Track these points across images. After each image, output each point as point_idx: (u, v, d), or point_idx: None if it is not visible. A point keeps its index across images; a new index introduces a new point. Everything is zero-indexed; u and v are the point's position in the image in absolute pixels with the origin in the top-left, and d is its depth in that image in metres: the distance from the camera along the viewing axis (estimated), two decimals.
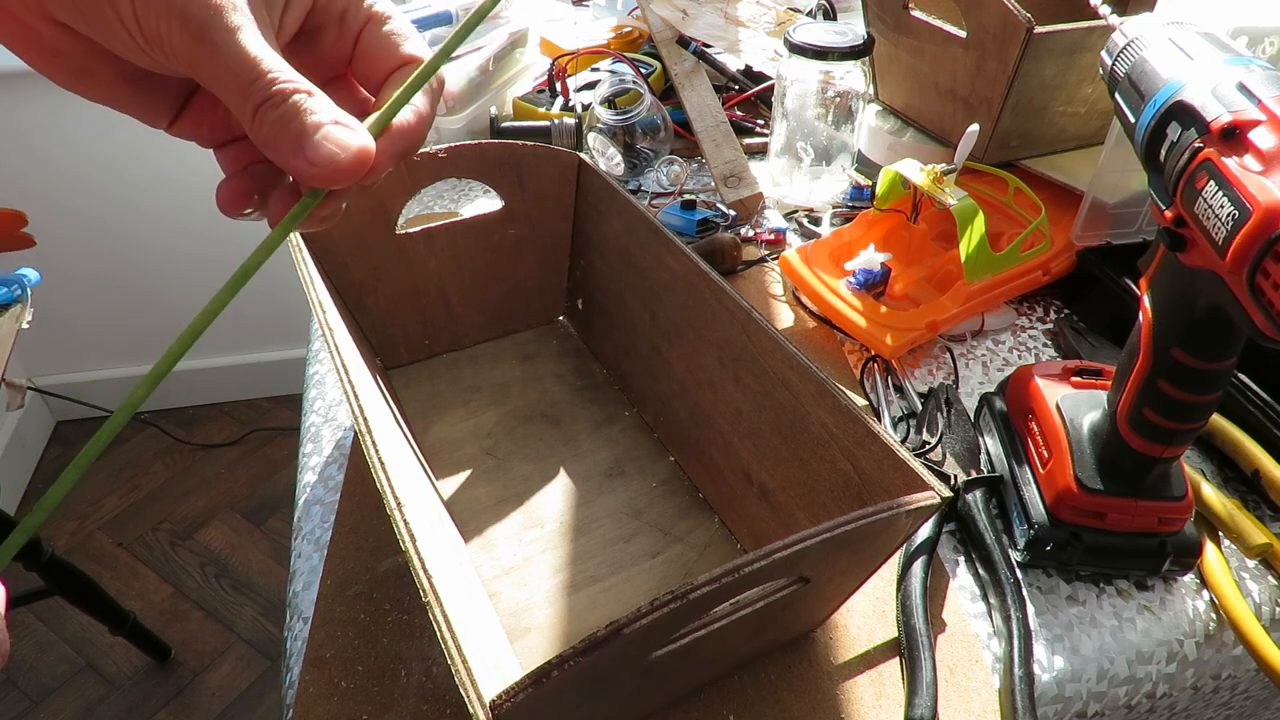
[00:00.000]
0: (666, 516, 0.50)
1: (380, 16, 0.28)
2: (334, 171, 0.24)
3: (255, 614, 1.45)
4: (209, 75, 0.24)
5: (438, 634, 0.29)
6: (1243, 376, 0.52)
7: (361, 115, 0.29)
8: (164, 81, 0.27)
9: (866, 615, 0.44)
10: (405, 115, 0.27)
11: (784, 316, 0.66)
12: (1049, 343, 0.64)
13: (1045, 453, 0.47)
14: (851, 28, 0.72)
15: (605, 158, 0.81)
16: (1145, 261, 0.41)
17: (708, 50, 0.88)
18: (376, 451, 0.35)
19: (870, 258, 0.63)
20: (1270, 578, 0.47)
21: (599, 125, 0.80)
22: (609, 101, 0.81)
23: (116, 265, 1.66)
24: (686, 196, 0.75)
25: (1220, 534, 0.47)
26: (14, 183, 1.51)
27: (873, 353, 0.60)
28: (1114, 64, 0.40)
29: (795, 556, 0.30)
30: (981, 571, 0.46)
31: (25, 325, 0.29)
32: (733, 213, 0.75)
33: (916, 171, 0.62)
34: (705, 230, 0.73)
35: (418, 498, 0.37)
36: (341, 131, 0.24)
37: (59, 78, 0.25)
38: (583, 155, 0.59)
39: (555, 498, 0.51)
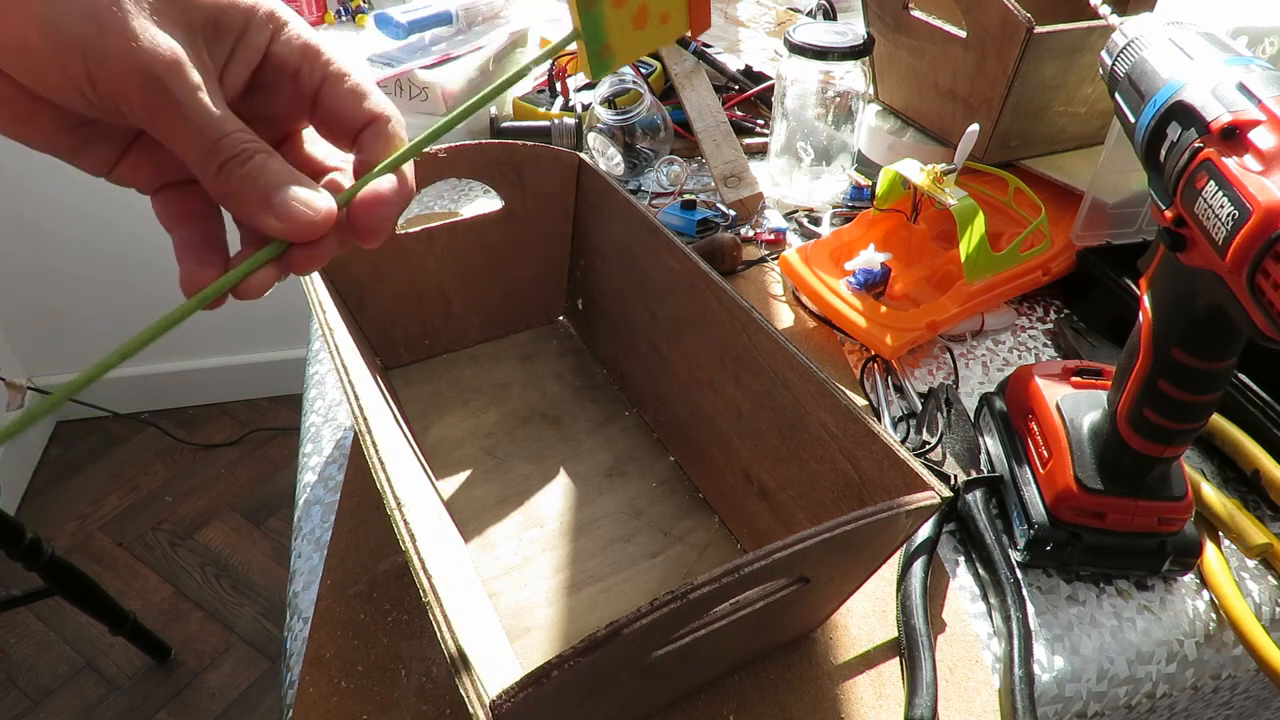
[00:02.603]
0: (666, 516, 0.50)
1: (338, 74, 0.28)
2: (301, 227, 0.25)
3: (255, 614, 1.45)
4: (168, 132, 0.24)
5: (438, 634, 0.29)
6: (1243, 376, 0.52)
7: (311, 175, 0.29)
8: (105, 128, 0.27)
9: (866, 615, 0.44)
10: (384, 181, 0.28)
11: (784, 316, 0.66)
12: (1049, 343, 0.64)
13: (1045, 453, 0.47)
14: (851, 28, 0.72)
15: (605, 158, 0.81)
16: (1145, 261, 0.41)
17: (708, 50, 0.88)
18: (376, 451, 0.35)
19: (870, 258, 0.63)
20: (1270, 578, 0.47)
21: (599, 125, 0.80)
22: (609, 101, 0.81)
23: (117, 265, 1.66)
24: (686, 196, 0.75)
25: (1220, 534, 0.47)
26: (14, 182, 1.52)
27: (873, 353, 0.60)
28: (1114, 64, 0.40)
29: (795, 556, 0.30)
30: (981, 571, 0.46)
31: None
32: (733, 213, 0.75)
33: (916, 171, 0.62)
34: (705, 230, 0.73)
35: (418, 498, 0.37)
36: (306, 191, 0.26)
37: None
38: (583, 155, 0.59)
39: (555, 498, 0.51)
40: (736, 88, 0.92)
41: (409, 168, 0.29)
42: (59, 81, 0.23)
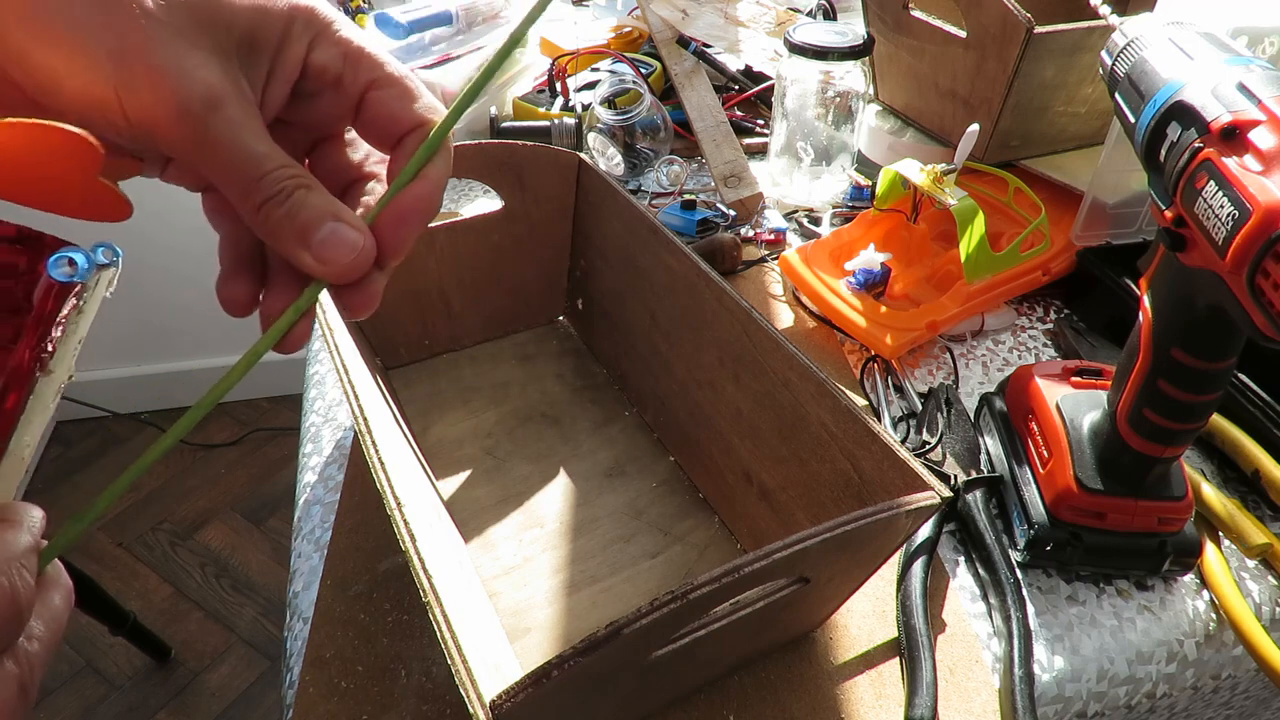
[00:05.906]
0: (666, 516, 0.50)
1: (385, 79, 0.27)
2: (340, 269, 0.25)
3: (255, 614, 1.45)
4: (209, 168, 0.24)
5: (438, 634, 0.29)
6: (1243, 376, 0.52)
7: (351, 180, 0.29)
8: None
9: (866, 615, 0.44)
10: (417, 187, 0.27)
11: (784, 316, 0.66)
12: (1049, 343, 0.64)
13: (1045, 453, 0.47)
14: (851, 28, 0.72)
15: (605, 158, 0.81)
16: (1145, 261, 0.41)
17: (708, 50, 0.88)
18: (376, 451, 0.35)
19: (870, 258, 0.63)
20: (1270, 578, 0.47)
21: (599, 125, 0.80)
22: (609, 101, 0.81)
23: (127, 265, 1.66)
24: (686, 196, 0.75)
25: (1220, 534, 0.47)
26: None
27: (873, 353, 0.60)
28: (1114, 64, 0.40)
29: (795, 556, 0.30)
30: (981, 571, 0.46)
31: (109, 294, 0.29)
32: (733, 213, 0.75)
33: (916, 171, 0.62)
34: (705, 230, 0.73)
35: (418, 498, 0.37)
36: (345, 230, 0.25)
37: None
38: (583, 155, 0.59)
39: (555, 498, 0.51)
40: (736, 88, 0.92)
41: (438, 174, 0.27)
42: (98, 122, 0.23)
